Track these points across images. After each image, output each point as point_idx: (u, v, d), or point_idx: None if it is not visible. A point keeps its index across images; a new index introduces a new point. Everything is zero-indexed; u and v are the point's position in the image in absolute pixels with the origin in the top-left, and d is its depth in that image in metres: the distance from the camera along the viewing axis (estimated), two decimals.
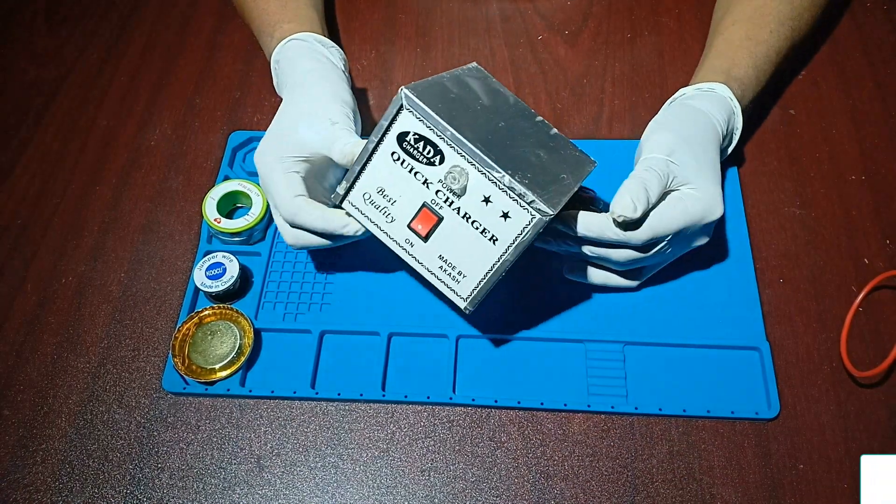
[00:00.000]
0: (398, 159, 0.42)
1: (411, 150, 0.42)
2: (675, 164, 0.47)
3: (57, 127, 0.68)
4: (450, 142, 0.40)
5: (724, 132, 0.52)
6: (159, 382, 0.52)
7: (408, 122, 0.41)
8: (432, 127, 0.40)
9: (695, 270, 0.55)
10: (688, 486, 0.47)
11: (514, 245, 0.41)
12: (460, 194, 0.42)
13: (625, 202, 0.44)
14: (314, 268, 0.57)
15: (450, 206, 0.42)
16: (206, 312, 0.54)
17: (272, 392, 0.51)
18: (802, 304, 0.54)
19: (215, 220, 0.56)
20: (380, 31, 0.73)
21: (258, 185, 0.59)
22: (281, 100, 0.54)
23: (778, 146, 0.62)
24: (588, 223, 0.45)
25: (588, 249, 0.48)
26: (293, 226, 0.48)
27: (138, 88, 0.70)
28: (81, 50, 0.73)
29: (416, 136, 0.41)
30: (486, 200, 0.41)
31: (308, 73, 0.53)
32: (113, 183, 0.63)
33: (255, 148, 0.63)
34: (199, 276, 0.54)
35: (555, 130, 0.49)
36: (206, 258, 0.55)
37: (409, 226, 0.44)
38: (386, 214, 0.44)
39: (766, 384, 0.50)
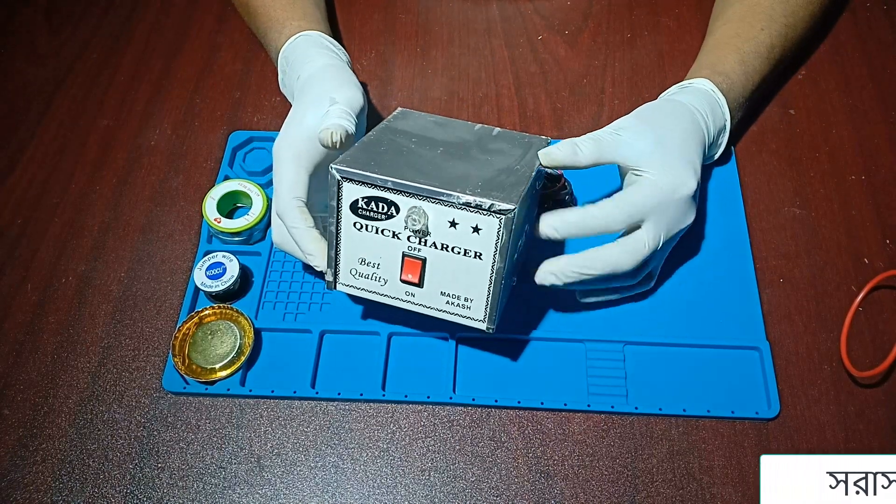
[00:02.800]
0: (361, 227, 0.44)
1: (367, 213, 0.43)
2: (622, 137, 0.48)
3: (57, 127, 0.68)
4: (394, 189, 0.42)
5: (708, 122, 0.53)
6: (159, 382, 0.52)
7: (351, 191, 0.43)
8: (373, 184, 0.42)
9: (695, 270, 0.55)
10: (688, 485, 0.47)
11: (497, 252, 0.42)
12: (428, 231, 0.43)
13: (547, 149, 0.46)
14: None
15: (425, 244, 0.43)
16: (207, 312, 0.54)
17: (272, 392, 0.51)
18: (802, 303, 0.54)
19: (215, 219, 0.56)
20: (380, 31, 0.73)
21: (258, 184, 0.59)
22: (283, 97, 0.54)
23: (778, 146, 0.62)
24: (567, 220, 0.45)
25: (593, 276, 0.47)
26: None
27: (138, 88, 0.70)
28: (81, 50, 0.73)
29: (366, 199, 0.43)
30: (453, 224, 0.42)
31: (325, 68, 0.54)
32: (113, 183, 0.63)
33: (256, 148, 0.63)
34: (200, 276, 0.54)
35: (497, 130, 0.50)
36: (206, 258, 0.55)
37: (401, 280, 0.45)
38: (377, 279, 0.46)
39: (766, 384, 0.50)
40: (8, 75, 0.72)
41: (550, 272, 0.46)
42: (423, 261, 0.44)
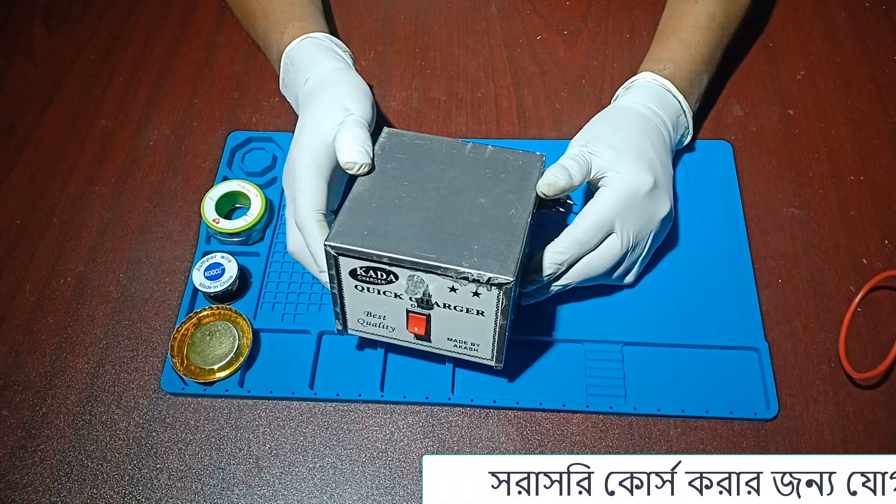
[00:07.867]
0: (363, 289, 0.44)
1: (367, 279, 0.43)
2: (593, 154, 0.49)
3: (55, 127, 0.67)
4: (390, 264, 0.42)
5: (660, 114, 0.54)
6: (158, 383, 0.52)
7: (348, 262, 0.43)
8: (368, 259, 0.42)
9: (694, 271, 0.55)
10: None
11: (500, 312, 0.42)
12: (428, 297, 0.43)
13: (546, 178, 0.46)
14: None
15: (428, 305, 0.44)
16: (205, 313, 0.54)
17: (271, 392, 0.51)
18: (801, 304, 0.54)
19: (214, 220, 0.56)
20: (378, 31, 0.73)
21: (257, 185, 0.59)
22: (282, 98, 0.53)
23: (777, 146, 0.62)
24: (550, 261, 0.47)
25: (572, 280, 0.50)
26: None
27: (137, 89, 0.70)
28: (80, 50, 0.73)
29: (364, 269, 0.43)
30: (453, 289, 0.42)
31: (335, 73, 0.54)
32: (111, 183, 0.63)
33: (255, 148, 0.63)
34: (198, 277, 0.54)
35: (490, 149, 0.49)
36: (204, 259, 0.55)
37: (407, 331, 0.46)
38: (384, 327, 0.47)
39: (764, 385, 0.50)
40: (6, 75, 0.72)
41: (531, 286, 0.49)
42: (428, 317, 0.45)
